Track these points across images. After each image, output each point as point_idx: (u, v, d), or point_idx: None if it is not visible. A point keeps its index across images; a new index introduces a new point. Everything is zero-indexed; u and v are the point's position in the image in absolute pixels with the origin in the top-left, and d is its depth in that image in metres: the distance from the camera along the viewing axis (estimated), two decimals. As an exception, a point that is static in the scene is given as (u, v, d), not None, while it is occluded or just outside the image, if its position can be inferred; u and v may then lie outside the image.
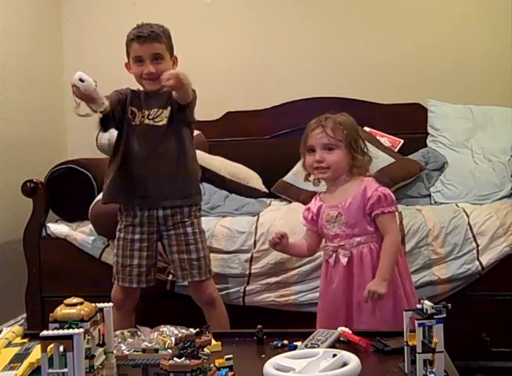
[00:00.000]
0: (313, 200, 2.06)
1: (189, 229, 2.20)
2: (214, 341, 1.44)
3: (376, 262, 1.88)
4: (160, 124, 2.18)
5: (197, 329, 1.28)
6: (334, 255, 1.93)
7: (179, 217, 2.20)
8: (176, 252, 2.20)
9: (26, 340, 1.51)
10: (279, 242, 2.00)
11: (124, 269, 2.22)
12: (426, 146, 3.13)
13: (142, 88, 2.24)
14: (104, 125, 2.20)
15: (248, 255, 2.46)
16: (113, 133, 3.18)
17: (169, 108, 2.18)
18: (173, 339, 1.36)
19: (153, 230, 2.21)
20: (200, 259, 2.21)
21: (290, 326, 1.65)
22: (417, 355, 1.23)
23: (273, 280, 2.44)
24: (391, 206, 1.90)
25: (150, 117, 2.19)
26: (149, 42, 2.14)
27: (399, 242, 2.00)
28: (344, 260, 1.91)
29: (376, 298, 1.82)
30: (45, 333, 1.11)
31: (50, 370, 1.11)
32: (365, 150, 1.99)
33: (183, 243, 2.20)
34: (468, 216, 2.44)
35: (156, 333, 1.60)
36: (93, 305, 1.22)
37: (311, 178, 2.06)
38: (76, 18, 3.63)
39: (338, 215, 1.93)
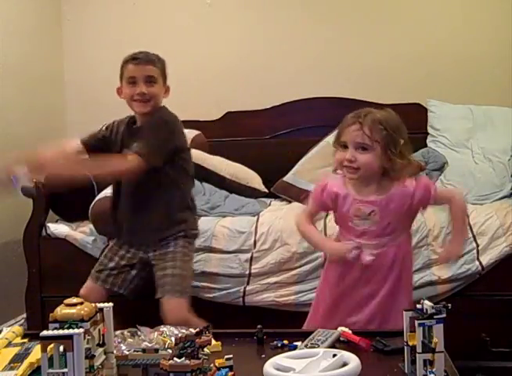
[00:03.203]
0: (334, 181, 1.89)
1: (171, 248, 2.18)
2: (214, 341, 1.44)
3: (397, 261, 1.84)
4: None
5: (197, 329, 1.28)
6: (356, 252, 1.82)
7: (165, 244, 2.20)
8: (156, 270, 2.18)
9: (26, 340, 1.50)
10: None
11: (98, 265, 2.26)
12: (426, 146, 3.13)
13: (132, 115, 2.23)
14: None
15: (248, 255, 2.46)
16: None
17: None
18: (173, 339, 1.36)
19: (140, 251, 2.24)
20: (174, 276, 2.13)
21: (290, 326, 1.65)
22: (417, 355, 1.23)
23: (273, 280, 2.44)
24: (435, 187, 1.87)
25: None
26: (144, 64, 2.15)
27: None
28: (369, 258, 1.81)
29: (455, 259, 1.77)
30: (45, 333, 1.11)
31: (50, 370, 1.11)
32: (406, 152, 1.85)
33: (161, 261, 2.17)
34: (468, 216, 2.44)
35: (156, 333, 1.59)
36: (93, 305, 1.22)
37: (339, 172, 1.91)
38: (76, 18, 3.63)
39: (372, 213, 1.82)
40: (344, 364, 1.27)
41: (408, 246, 1.93)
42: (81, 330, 1.11)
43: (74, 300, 1.20)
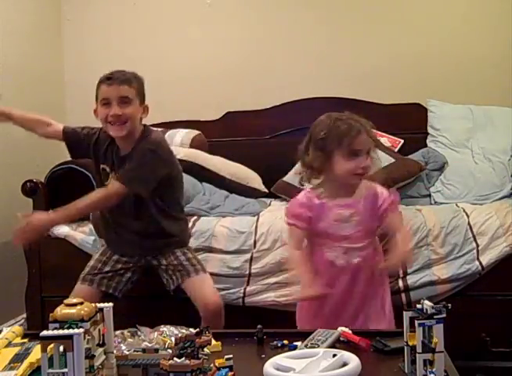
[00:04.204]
0: (304, 196, 1.92)
1: (179, 253, 2.23)
2: (214, 341, 1.44)
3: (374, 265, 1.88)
4: None
5: (197, 329, 1.28)
6: (344, 256, 1.85)
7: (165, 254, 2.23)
8: (168, 264, 2.21)
9: (26, 340, 1.51)
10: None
11: (92, 269, 2.24)
12: (426, 146, 3.13)
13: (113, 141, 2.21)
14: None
15: (248, 255, 2.46)
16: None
17: None
18: (173, 339, 1.36)
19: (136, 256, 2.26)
20: (189, 259, 2.20)
21: (290, 326, 1.65)
22: (417, 355, 1.23)
23: (273, 280, 2.44)
24: (398, 207, 1.91)
25: None
26: (118, 84, 2.10)
27: None
28: (356, 260, 1.85)
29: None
30: (45, 333, 1.11)
31: (50, 370, 1.11)
32: None
33: (172, 258, 2.21)
34: (468, 216, 2.44)
35: (156, 333, 1.60)
36: (93, 305, 1.22)
37: (311, 181, 1.94)
38: (76, 18, 3.63)
39: (352, 215, 1.85)
40: (344, 364, 1.27)
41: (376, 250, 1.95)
42: (81, 330, 1.11)
43: (74, 300, 1.20)
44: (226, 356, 1.29)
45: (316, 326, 1.55)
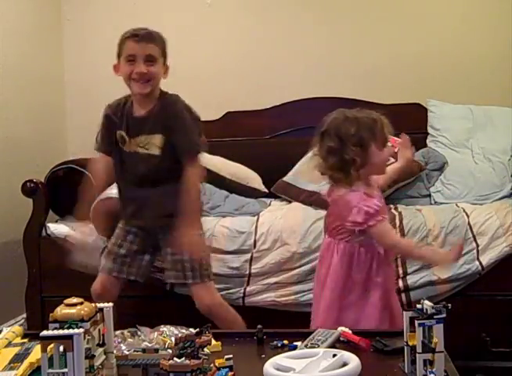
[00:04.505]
0: (365, 195, 1.87)
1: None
2: (214, 341, 1.44)
3: None
4: (152, 152, 2.13)
5: (197, 329, 1.28)
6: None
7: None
8: (170, 254, 2.17)
9: (26, 340, 1.50)
10: None
11: (108, 255, 2.22)
12: (426, 146, 3.13)
13: (129, 94, 2.18)
14: None
15: (248, 255, 2.46)
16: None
17: (160, 136, 2.12)
18: (173, 339, 1.36)
19: (150, 234, 2.22)
20: (192, 261, 2.14)
21: (290, 326, 1.65)
22: (417, 355, 1.23)
23: (273, 280, 2.44)
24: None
25: (141, 145, 2.14)
26: (145, 42, 2.08)
27: None
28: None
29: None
30: (45, 333, 1.11)
31: (50, 370, 1.11)
32: None
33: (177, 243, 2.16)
34: (468, 216, 2.44)
35: (156, 333, 1.60)
36: (93, 305, 1.22)
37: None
38: (76, 18, 3.63)
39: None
40: (344, 364, 1.27)
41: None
42: (81, 330, 1.11)
43: (74, 300, 1.19)
44: (226, 356, 1.29)
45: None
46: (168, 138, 2.12)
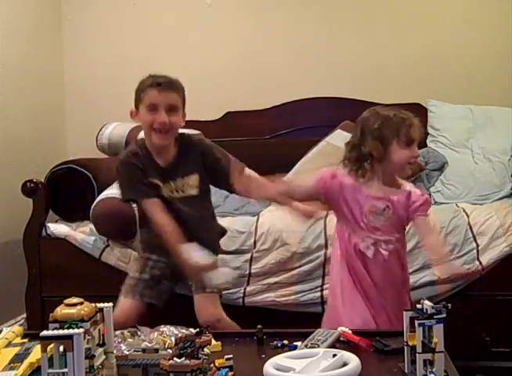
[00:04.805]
0: (343, 172, 1.93)
1: None
2: (214, 341, 1.44)
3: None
4: (191, 193, 2.13)
5: (197, 329, 1.28)
6: (373, 248, 1.88)
7: None
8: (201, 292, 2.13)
9: (26, 340, 1.51)
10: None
11: (130, 279, 2.16)
12: (426, 146, 3.12)
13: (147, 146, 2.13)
14: None
15: (248, 255, 2.46)
16: (113, 133, 3.19)
17: (196, 176, 2.13)
18: (173, 339, 1.36)
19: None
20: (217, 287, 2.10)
21: (290, 326, 1.65)
22: (417, 355, 1.23)
23: (273, 280, 2.44)
24: (429, 208, 1.92)
25: (179, 189, 2.12)
26: (168, 92, 2.04)
27: None
28: (385, 254, 1.88)
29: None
30: (45, 333, 1.11)
31: (50, 370, 1.11)
32: None
33: None
34: (468, 216, 2.44)
35: (156, 333, 1.60)
36: (93, 305, 1.22)
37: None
38: (76, 18, 3.63)
39: (386, 209, 1.89)
40: (344, 364, 1.27)
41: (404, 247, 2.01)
42: (81, 330, 1.11)
43: (74, 300, 1.20)
44: (226, 356, 1.29)
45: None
46: (207, 174, 2.16)
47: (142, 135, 2.29)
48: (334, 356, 1.31)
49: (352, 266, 1.91)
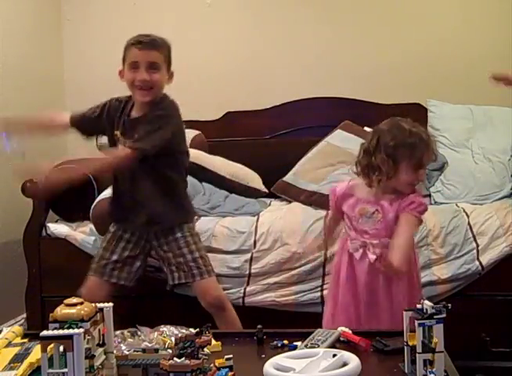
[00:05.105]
0: (341, 184, 2.02)
1: (179, 234, 2.19)
2: (214, 341, 1.44)
3: None
4: None
5: (197, 329, 1.28)
6: (361, 250, 1.90)
7: (169, 231, 2.20)
8: (172, 257, 2.18)
9: (26, 340, 1.50)
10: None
11: (100, 261, 2.22)
12: (426, 146, 3.12)
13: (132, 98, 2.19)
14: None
15: (248, 255, 2.46)
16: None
17: None
18: (173, 339, 1.36)
19: (142, 240, 2.22)
20: (195, 260, 2.17)
21: (290, 326, 1.65)
22: (417, 355, 1.23)
23: (273, 280, 2.44)
24: (416, 210, 1.89)
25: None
26: (148, 49, 2.10)
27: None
28: (372, 257, 1.88)
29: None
30: (45, 333, 1.11)
31: (50, 370, 1.11)
32: None
33: (175, 248, 2.18)
34: (468, 216, 2.44)
35: (156, 333, 1.60)
36: (93, 305, 1.22)
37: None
38: (76, 18, 3.63)
39: (375, 212, 1.90)
40: (344, 364, 1.27)
41: None
42: (81, 330, 1.11)
43: (74, 300, 1.20)
44: (226, 356, 1.29)
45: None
46: None
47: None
48: (334, 356, 1.30)
49: (344, 267, 1.94)
